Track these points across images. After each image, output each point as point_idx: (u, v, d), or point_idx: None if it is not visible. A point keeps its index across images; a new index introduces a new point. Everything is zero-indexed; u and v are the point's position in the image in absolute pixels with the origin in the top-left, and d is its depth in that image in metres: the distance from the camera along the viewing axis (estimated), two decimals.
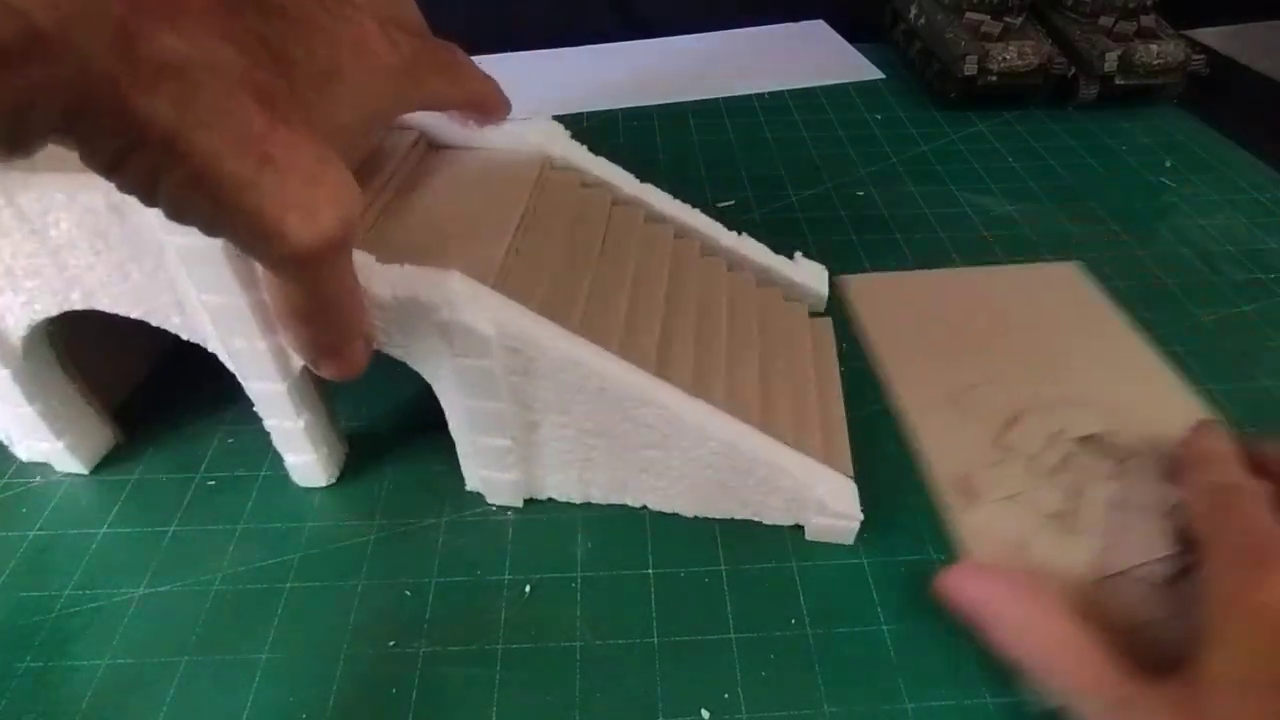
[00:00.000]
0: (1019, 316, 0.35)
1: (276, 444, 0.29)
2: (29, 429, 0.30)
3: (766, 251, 0.36)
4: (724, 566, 0.28)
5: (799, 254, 0.37)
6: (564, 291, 0.28)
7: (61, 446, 0.30)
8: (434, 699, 0.24)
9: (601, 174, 0.33)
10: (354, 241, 0.20)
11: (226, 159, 0.16)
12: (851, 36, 0.66)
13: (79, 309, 0.26)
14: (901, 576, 0.27)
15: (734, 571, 0.28)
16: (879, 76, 0.61)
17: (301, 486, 0.31)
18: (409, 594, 0.27)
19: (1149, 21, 0.54)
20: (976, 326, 0.37)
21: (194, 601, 0.27)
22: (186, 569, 0.28)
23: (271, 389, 0.27)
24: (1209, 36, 0.61)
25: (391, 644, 0.26)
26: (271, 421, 0.29)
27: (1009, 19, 0.54)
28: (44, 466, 0.31)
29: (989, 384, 0.33)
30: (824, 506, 0.27)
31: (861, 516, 0.27)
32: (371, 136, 0.30)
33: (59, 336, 0.29)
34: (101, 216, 0.24)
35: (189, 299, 0.25)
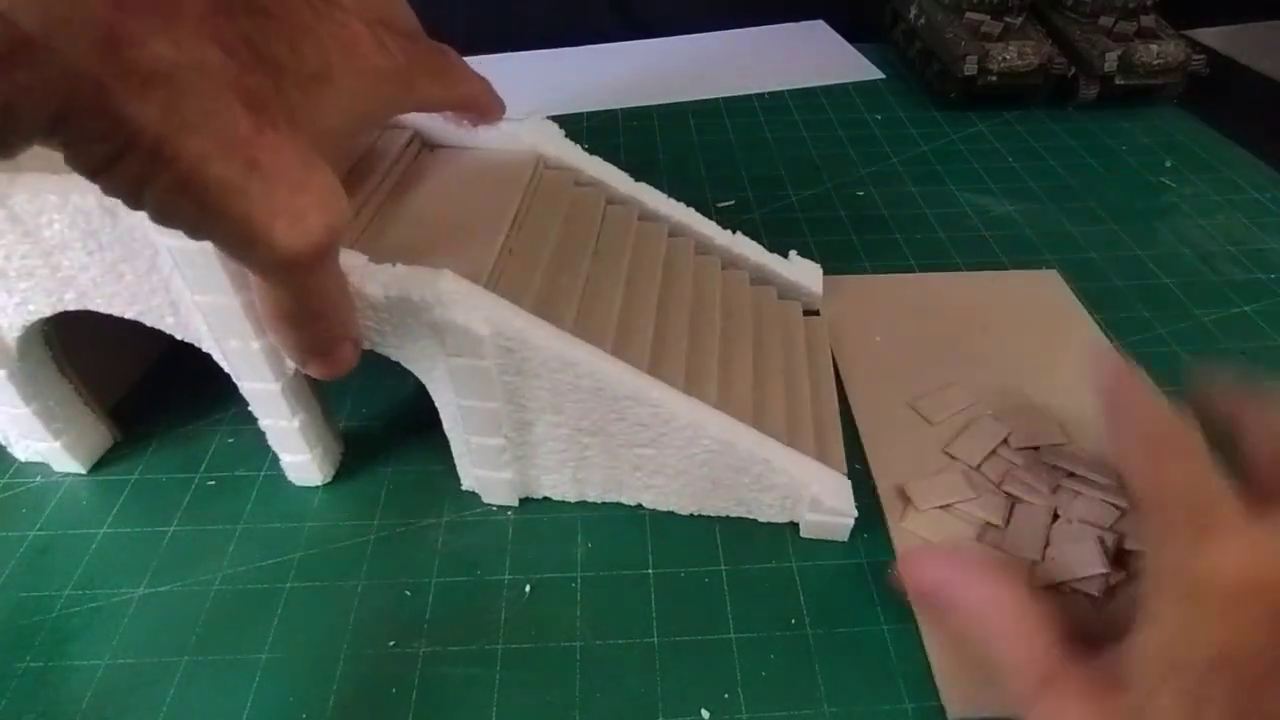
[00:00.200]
0: (990, 324, 0.34)
1: (272, 443, 0.29)
2: (26, 429, 0.30)
3: (761, 250, 0.36)
4: (724, 566, 0.28)
5: (793, 253, 0.37)
6: (558, 290, 0.28)
7: (59, 446, 0.30)
8: (434, 699, 0.24)
9: (595, 173, 0.33)
10: (341, 246, 0.20)
11: (213, 163, 0.16)
12: (851, 36, 0.66)
13: (73, 309, 0.26)
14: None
15: (734, 571, 0.28)
16: (879, 76, 0.61)
17: (301, 486, 0.31)
18: (409, 594, 0.27)
19: (1149, 21, 0.54)
20: (944, 333, 0.36)
21: (194, 601, 0.27)
22: (186, 569, 0.28)
23: (266, 389, 0.27)
24: (1209, 36, 0.61)
25: (391, 644, 0.26)
26: (267, 421, 0.29)
27: (1009, 19, 0.54)
28: (43, 467, 0.31)
29: (947, 391, 0.33)
30: (818, 503, 0.27)
31: (856, 513, 0.27)
32: (362, 139, 0.29)
33: (55, 337, 0.29)
34: (94, 217, 0.24)
35: (183, 299, 0.25)
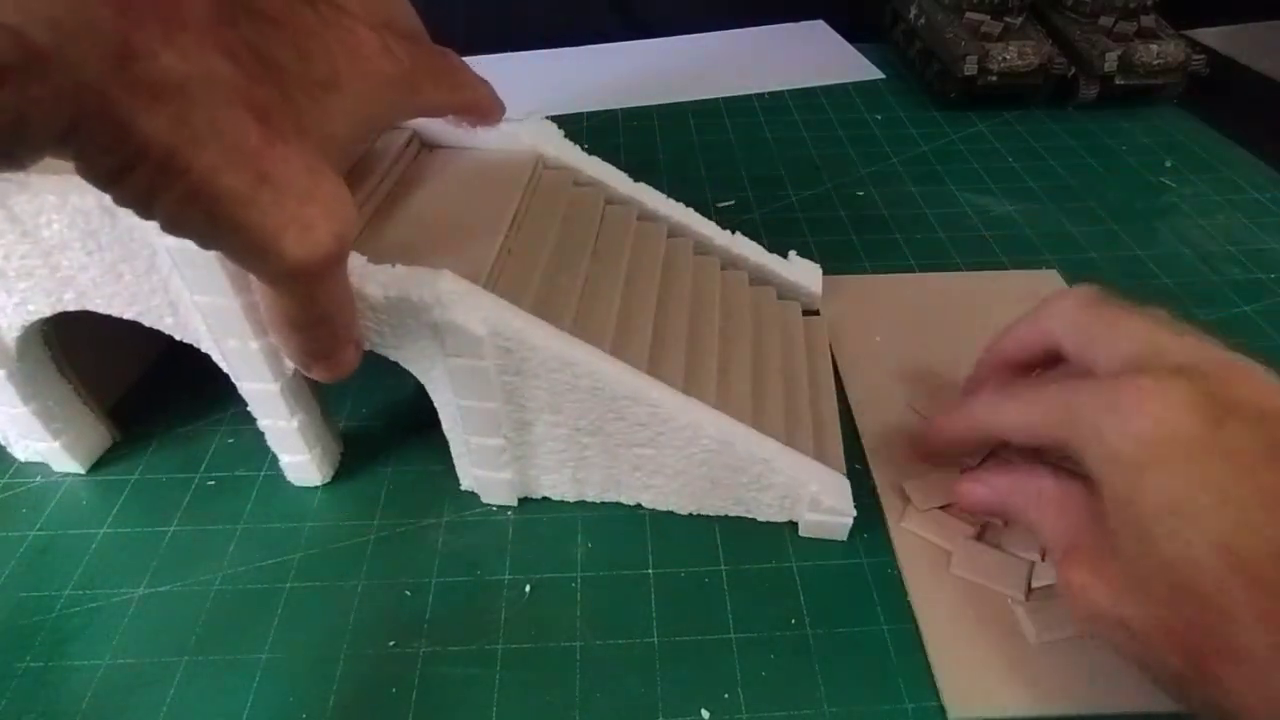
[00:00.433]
0: (990, 324, 0.34)
1: (271, 443, 0.29)
2: (25, 429, 0.30)
3: (760, 250, 0.36)
4: (724, 566, 0.28)
5: (793, 253, 0.37)
6: (556, 290, 0.28)
7: (58, 446, 0.30)
8: (434, 699, 0.24)
9: (594, 173, 0.33)
10: (349, 254, 0.20)
11: (223, 175, 0.16)
12: (851, 36, 0.66)
13: (72, 309, 0.26)
14: (902, 576, 0.27)
15: (734, 571, 0.28)
16: (879, 76, 0.61)
17: (301, 486, 0.31)
18: (409, 594, 0.27)
19: (1149, 21, 0.54)
20: (944, 333, 0.36)
21: (194, 601, 0.27)
22: (186, 569, 0.28)
23: (265, 389, 0.27)
24: (1209, 36, 0.61)
25: (391, 644, 0.26)
26: (266, 421, 0.29)
27: (1009, 19, 0.54)
28: (43, 467, 0.31)
29: (947, 391, 0.33)
30: (817, 503, 0.27)
31: (855, 513, 0.27)
32: (366, 144, 0.29)
33: (54, 337, 0.29)
34: (93, 217, 0.24)
35: (182, 300, 0.25)
